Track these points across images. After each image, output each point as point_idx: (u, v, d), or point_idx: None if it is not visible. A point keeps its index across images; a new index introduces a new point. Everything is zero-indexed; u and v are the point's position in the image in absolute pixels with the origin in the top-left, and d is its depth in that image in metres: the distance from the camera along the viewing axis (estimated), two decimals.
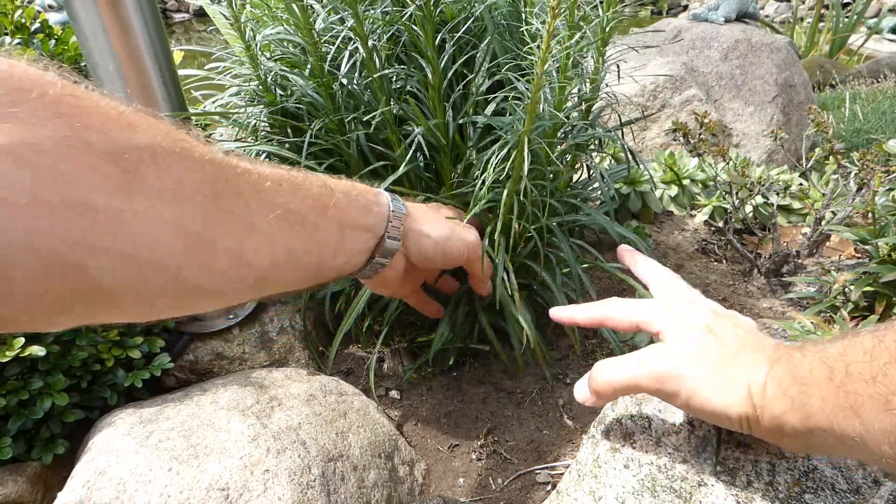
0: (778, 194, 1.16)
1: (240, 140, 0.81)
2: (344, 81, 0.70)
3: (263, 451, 0.53)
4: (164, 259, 0.30)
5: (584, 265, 0.76)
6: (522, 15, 0.68)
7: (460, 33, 0.65)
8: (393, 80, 0.72)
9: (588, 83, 0.69)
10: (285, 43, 0.76)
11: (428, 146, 0.70)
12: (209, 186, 0.32)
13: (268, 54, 0.79)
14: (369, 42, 0.65)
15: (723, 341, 0.37)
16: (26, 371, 0.59)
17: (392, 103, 0.68)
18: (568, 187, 0.78)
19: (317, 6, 0.70)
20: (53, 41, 0.83)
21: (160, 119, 0.31)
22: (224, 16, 0.76)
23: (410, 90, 0.71)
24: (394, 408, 0.75)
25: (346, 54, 0.67)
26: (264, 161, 0.40)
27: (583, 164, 0.80)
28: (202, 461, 0.51)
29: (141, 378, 0.65)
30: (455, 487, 0.66)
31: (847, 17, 3.48)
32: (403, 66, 0.70)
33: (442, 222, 0.56)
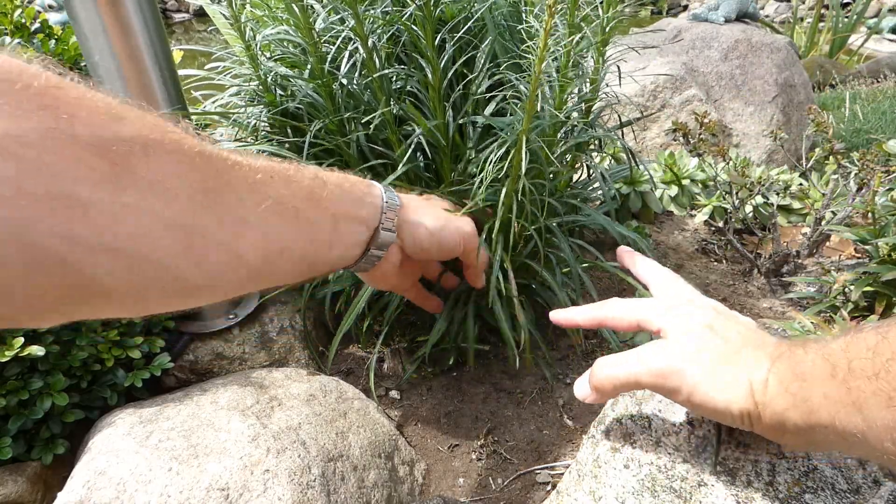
0: (778, 194, 1.16)
1: (240, 140, 0.81)
2: (344, 81, 0.70)
3: (263, 451, 0.53)
4: (155, 253, 0.30)
5: (585, 265, 0.76)
6: (523, 15, 0.68)
7: (460, 33, 0.65)
8: (393, 80, 0.72)
9: (588, 83, 0.69)
10: (285, 43, 0.76)
11: (428, 146, 0.70)
12: (199, 179, 0.32)
13: (268, 54, 0.79)
14: (369, 42, 0.65)
15: (724, 338, 0.37)
16: (26, 371, 0.59)
17: (392, 103, 0.68)
18: (568, 187, 0.78)
19: (317, 6, 0.70)
20: (53, 41, 0.83)
21: (148, 111, 0.31)
22: (224, 16, 0.76)
23: (410, 90, 0.71)
24: (394, 408, 0.75)
25: (346, 54, 0.67)
26: (255, 153, 0.39)
27: (583, 164, 0.80)
28: (202, 461, 0.51)
29: (141, 378, 0.65)
30: (455, 487, 0.66)
31: (847, 17, 3.48)
32: (403, 66, 0.70)
33: (437, 212, 0.56)
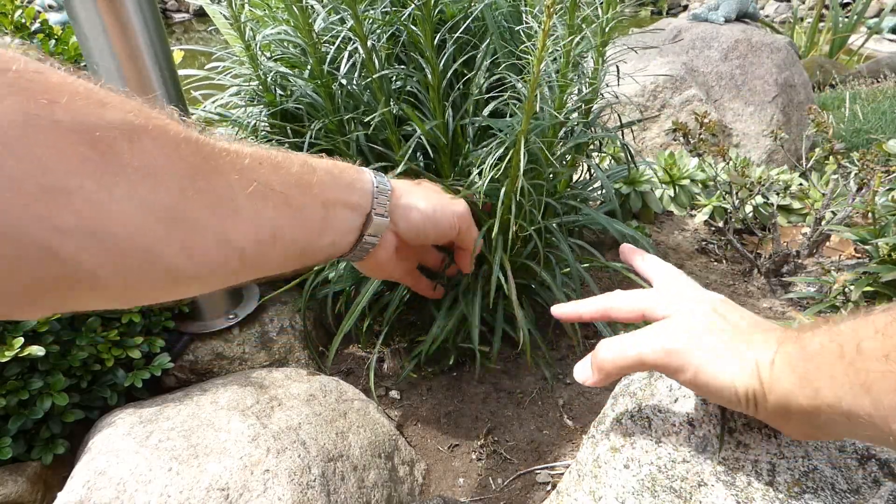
0: (778, 194, 1.16)
1: (239, 139, 0.81)
2: (343, 82, 0.70)
3: (263, 451, 0.53)
4: (142, 240, 0.29)
5: (585, 265, 0.76)
6: (523, 16, 0.68)
7: (459, 33, 0.65)
8: (392, 81, 0.72)
9: (588, 83, 0.69)
10: (285, 43, 0.76)
11: (428, 145, 0.70)
12: (186, 165, 0.31)
13: (268, 54, 0.79)
14: (368, 42, 0.65)
15: (731, 322, 0.37)
16: (26, 371, 0.59)
17: (392, 103, 0.68)
18: (568, 187, 0.78)
19: (317, 6, 0.71)
20: (53, 41, 0.83)
21: (131, 97, 0.30)
22: (224, 16, 0.76)
23: (410, 90, 0.71)
24: (394, 408, 0.75)
25: (346, 54, 0.67)
26: (241, 139, 0.39)
27: (582, 165, 0.80)
28: (202, 461, 0.51)
29: (141, 378, 0.65)
30: (455, 487, 0.66)
31: (847, 17, 3.48)
32: (403, 67, 0.70)
33: (429, 195, 0.55)
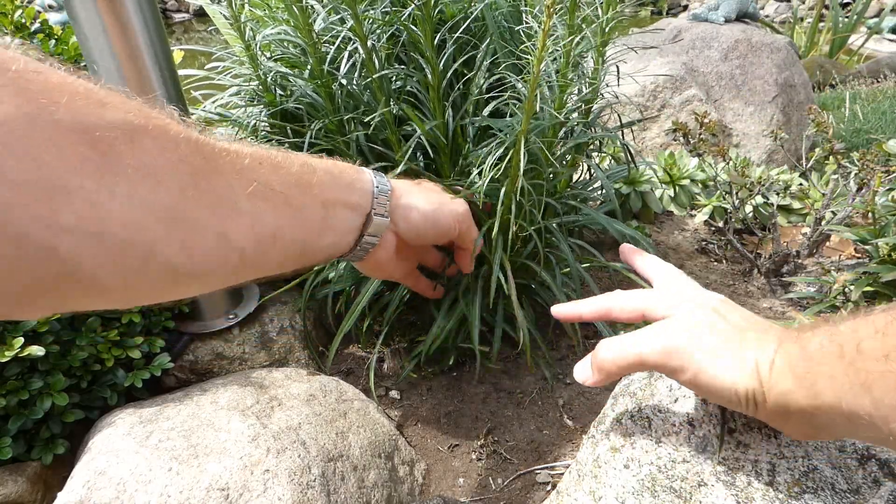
0: (778, 194, 1.16)
1: (240, 140, 0.81)
2: (343, 82, 0.70)
3: (263, 451, 0.53)
4: (142, 240, 0.29)
5: (585, 265, 0.76)
6: (523, 16, 0.68)
7: (459, 33, 0.65)
8: (392, 81, 0.72)
9: (588, 83, 0.69)
10: (285, 43, 0.76)
11: (428, 145, 0.70)
12: (187, 165, 0.31)
13: (268, 54, 0.79)
14: (368, 42, 0.65)
15: (731, 322, 0.37)
16: (26, 371, 0.59)
17: (392, 103, 0.68)
18: (568, 187, 0.78)
19: (317, 6, 0.71)
20: (53, 41, 0.83)
21: (131, 97, 0.30)
22: (224, 16, 0.76)
23: (410, 90, 0.71)
24: (394, 408, 0.75)
25: (346, 54, 0.67)
26: (240, 139, 0.38)
27: (582, 165, 0.80)
28: (202, 461, 0.51)
29: (141, 378, 0.65)
30: (455, 487, 0.66)
31: (847, 17, 3.48)
32: (403, 66, 0.70)
33: (429, 195, 0.55)
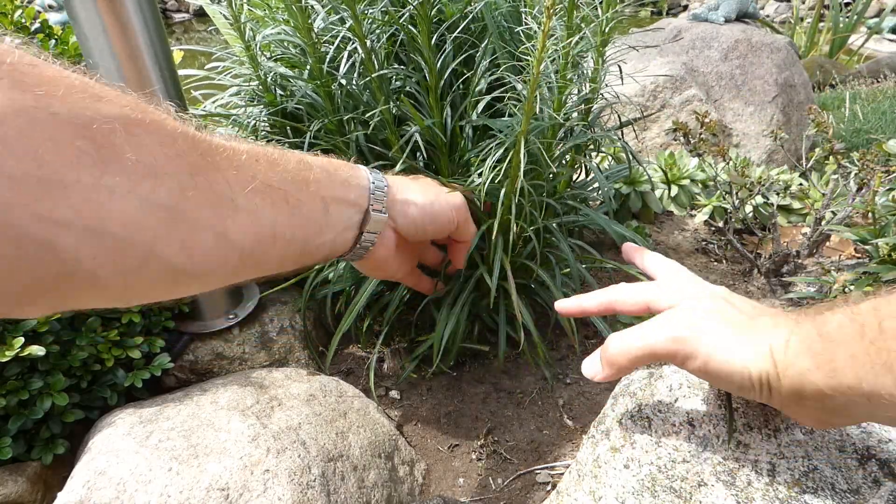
0: (778, 194, 1.16)
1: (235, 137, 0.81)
2: (343, 82, 0.70)
3: (263, 451, 0.53)
4: (140, 237, 0.29)
5: (585, 265, 0.76)
6: (522, 16, 0.68)
7: (457, 32, 0.65)
8: (392, 80, 0.72)
9: (588, 83, 0.69)
10: (285, 43, 0.76)
11: (426, 145, 0.70)
12: (185, 161, 0.31)
13: (268, 54, 0.79)
14: (368, 42, 0.65)
15: (739, 308, 0.36)
16: (26, 371, 0.59)
17: (391, 103, 0.68)
18: (567, 188, 0.78)
19: (317, 6, 0.71)
20: (53, 41, 0.83)
21: (126, 92, 0.30)
22: (224, 16, 0.76)
23: (409, 90, 0.71)
24: (394, 408, 0.75)
25: (345, 54, 0.67)
26: (236, 136, 0.38)
27: (582, 165, 0.80)
28: (202, 461, 0.51)
29: (141, 378, 0.65)
30: (455, 487, 0.66)
31: (847, 17, 3.47)
32: (402, 66, 0.70)
33: (426, 189, 0.55)
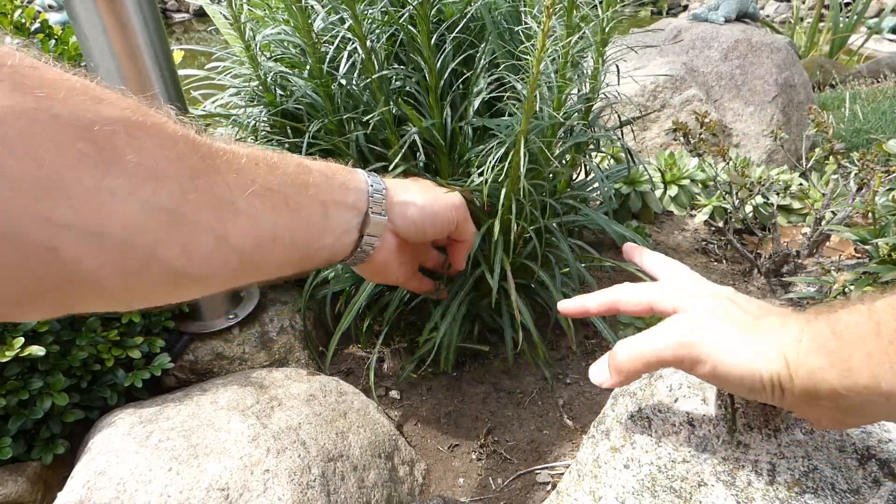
0: (778, 194, 1.16)
1: (240, 140, 0.81)
2: (343, 82, 0.70)
3: (263, 451, 0.53)
4: (141, 239, 0.29)
5: (584, 264, 0.76)
6: (522, 16, 0.68)
7: (456, 32, 0.65)
8: (392, 80, 0.72)
9: (587, 83, 0.69)
10: (285, 43, 0.76)
11: (426, 145, 0.70)
12: (185, 164, 0.31)
13: (268, 54, 0.79)
14: (368, 42, 0.65)
15: (746, 308, 0.36)
16: (26, 371, 0.59)
17: (391, 103, 0.68)
18: (568, 188, 0.78)
19: (317, 6, 0.71)
20: (53, 41, 0.83)
21: (127, 95, 0.30)
22: (224, 16, 0.76)
23: (409, 90, 0.71)
24: (394, 408, 0.75)
25: (345, 54, 0.67)
26: (235, 141, 0.38)
27: (582, 165, 0.80)
28: (202, 461, 0.51)
29: (141, 378, 0.65)
30: (455, 487, 0.66)
31: (847, 17, 3.47)
32: (402, 66, 0.70)
33: (424, 190, 0.55)
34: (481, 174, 0.60)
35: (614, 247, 1.04)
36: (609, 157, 1.23)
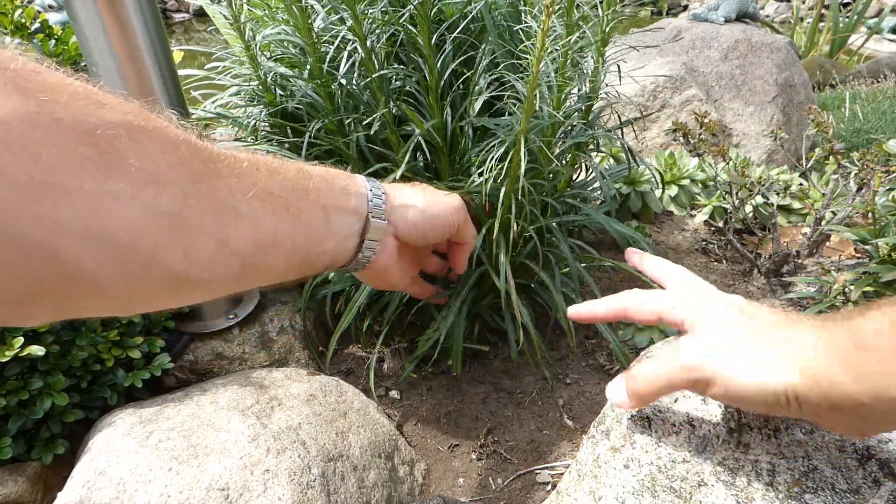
0: (778, 194, 1.16)
1: (240, 140, 0.81)
2: (343, 81, 0.70)
3: (263, 451, 0.53)
4: (145, 244, 0.29)
5: (584, 265, 0.76)
6: (522, 15, 0.68)
7: (457, 32, 0.65)
8: (392, 80, 0.72)
9: (587, 83, 0.69)
10: (285, 43, 0.76)
11: (427, 145, 0.70)
12: (187, 168, 0.31)
13: (267, 54, 0.79)
14: (368, 42, 0.65)
15: (755, 319, 0.35)
16: (26, 371, 0.59)
17: (391, 103, 0.68)
18: (568, 187, 0.78)
19: (317, 6, 0.71)
20: (53, 41, 0.83)
21: (129, 99, 0.30)
22: (224, 16, 0.76)
23: (409, 90, 0.71)
24: (394, 408, 0.75)
25: (345, 54, 0.67)
26: (235, 147, 0.38)
27: (582, 164, 0.80)
28: (202, 461, 0.51)
29: (141, 378, 0.65)
30: (455, 487, 0.66)
31: (847, 17, 3.48)
32: (402, 66, 0.70)
33: (424, 193, 0.55)
34: (481, 174, 0.60)
35: (614, 247, 1.04)
36: (609, 158, 1.23)
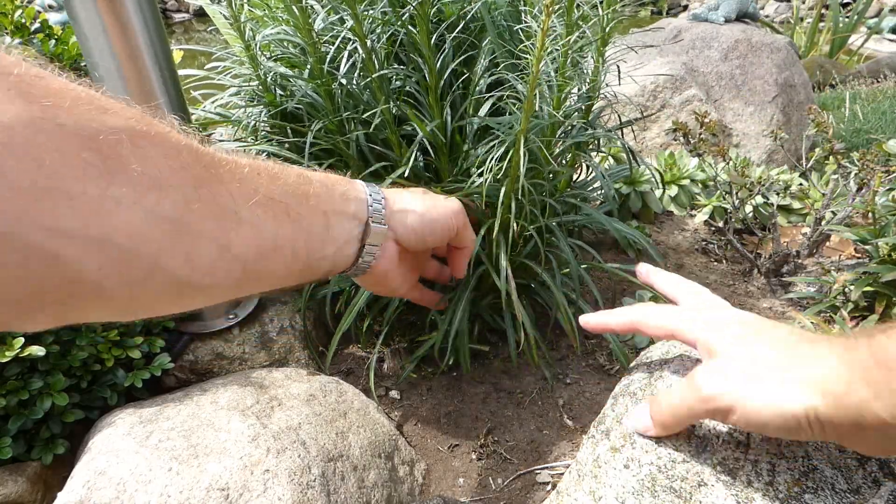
0: (778, 194, 1.16)
1: (240, 140, 0.81)
2: (343, 81, 0.70)
3: (263, 451, 0.53)
4: (147, 249, 0.29)
5: (584, 266, 0.76)
6: (522, 15, 0.68)
7: (456, 32, 0.65)
8: (392, 80, 0.72)
9: (588, 83, 0.69)
10: (285, 43, 0.76)
11: (427, 145, 0.70)
12: (189, 173, 0.31)
13: (268, 54, 0.79)
14: (368, 42, 0.65)
15: (771, 340, 0.35)
16: (26, 371, 0.59)
17: (391, 103, 0.68)
18: (568, 187, 0.78)
19: (316, 6, 0.71)
20: (53, 41, 0.83)
21: (132, 105, 0.30)
22: (224, 16, 0.76)
23: (409, 90, 0.71)
24: (394, 408, 0.75)
25: (345, 54, 0.67)
26: (235, 151, 0.39)
27: (582, 164, 0.80)
28: (202, 461, 0.51)
29: (141, 378, 0.65)
30: (455, 487, 0.66)
31: (847, 17, 3.48)
32: (402, 66, 0.70)
33: (424, 198, 0.55)
34: (481, 174, 0.60)
35: (614, 246, 1.04)
36: (609, 157, 1.23)
